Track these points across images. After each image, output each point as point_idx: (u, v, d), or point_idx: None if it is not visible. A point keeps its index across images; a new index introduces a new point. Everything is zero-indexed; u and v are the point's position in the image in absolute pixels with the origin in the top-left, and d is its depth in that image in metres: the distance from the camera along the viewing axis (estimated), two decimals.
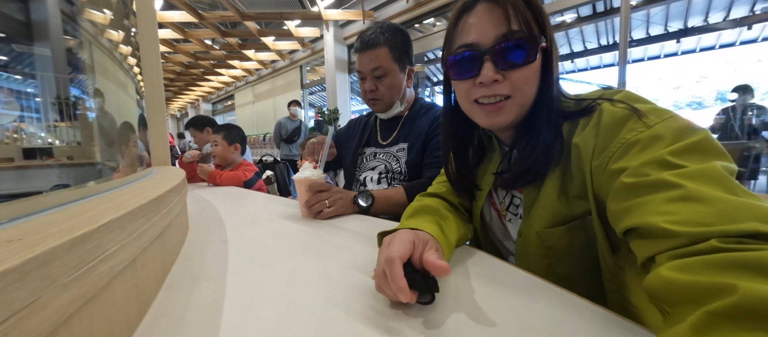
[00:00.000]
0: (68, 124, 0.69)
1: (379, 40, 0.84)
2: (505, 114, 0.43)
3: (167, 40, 4.76)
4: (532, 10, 0.40)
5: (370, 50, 0.84)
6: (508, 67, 0.41)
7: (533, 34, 0.39)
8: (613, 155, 0.33)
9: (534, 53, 0.40)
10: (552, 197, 0.42)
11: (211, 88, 8.64)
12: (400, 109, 0.94)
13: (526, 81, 0.41)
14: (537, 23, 0.40)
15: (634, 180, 0.29)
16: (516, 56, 0.40)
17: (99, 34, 0.72)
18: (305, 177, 0.69)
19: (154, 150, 0.87)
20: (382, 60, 0.85)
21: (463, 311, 0.30)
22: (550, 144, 0.41)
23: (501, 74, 0.41)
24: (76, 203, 0.30)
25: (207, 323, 0.29)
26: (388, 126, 0.98)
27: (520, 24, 0.39)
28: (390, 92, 0.88)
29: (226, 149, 1.63)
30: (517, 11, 0.40)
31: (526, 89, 0.42)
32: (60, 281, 0.17)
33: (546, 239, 0.42)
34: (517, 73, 0.41)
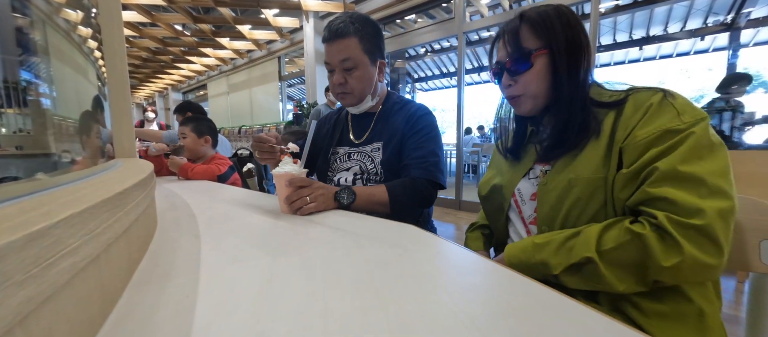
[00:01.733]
0: (17, 111, 0.63)
1: (348, 30, 0.79)
2: (522, 106, 0.58)
3: (132, 23, 4.45)
4: (529, 29, 0.54)
5: (339, 40, 0.80)
6: (514, 75, 0.56)
7: (524, 51, 0.54)
8: (652, 138, 0.43)
9: (525, 64, 0.54)
10: (583, 165, 0.50)
11: (181, 77, 8.18)
12: (372, 104, 0.90)
13: (528, 82, 0.55)
14: (536, 37, 0.53)
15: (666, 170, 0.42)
16: (514, 68, 0.56)
17: (54, 12, 0.66)
18: (285, 172, 0.68)
19: (117, 141, 0.82)
20: (352, 51, 0.81)
21: (448, 313, 0.31)
22: (581, 122, 0.51)
23: (512, 80, 0.57)
24: (30, 196, 0.28)
25: (178, 320, 0.28)
26: (361, 123, 0.94)
27: (513, 46, 0.55)
28: (361, 86, 0.85)
29: (195, 142, 1.55)
30: (510, 38, 0.55)
31: (532, 87, 0.55)
32: (15, 279, 0.16)
33: (574, 185, 0.49)
34: (521, 78, 0.55)
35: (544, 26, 0.53)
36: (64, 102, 0.67)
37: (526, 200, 0.59)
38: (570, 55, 0.52)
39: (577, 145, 0.51)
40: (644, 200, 0.43)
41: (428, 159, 0.82)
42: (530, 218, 0.58)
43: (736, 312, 1.31)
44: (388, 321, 0.28)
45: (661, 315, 0.43)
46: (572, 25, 0.53)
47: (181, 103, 2.29)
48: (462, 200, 3.58)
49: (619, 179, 0.45)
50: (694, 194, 0.39)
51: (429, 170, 0.81)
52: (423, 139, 0.84)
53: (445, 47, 6.90)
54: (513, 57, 0.55)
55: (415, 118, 0.86)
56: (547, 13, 0.53)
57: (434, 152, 0.83)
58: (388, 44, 3.96)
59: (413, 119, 0.86)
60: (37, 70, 0.64)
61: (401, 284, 0.35)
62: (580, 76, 0.53)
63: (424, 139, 0.84)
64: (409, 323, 0.27)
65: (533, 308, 0.30)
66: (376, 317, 0.28)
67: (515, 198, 0.61)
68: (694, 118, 0.42)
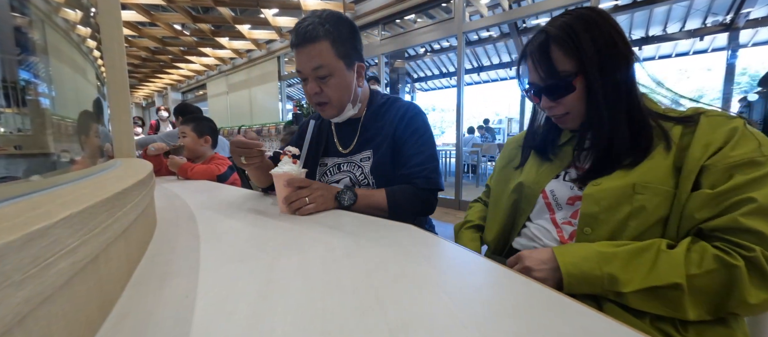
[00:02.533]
0: (16, 111, 0.63)
1: (318, 33, 0.70)
2: (569, 123, 0.57)
3: (132, 23, 4.44)
4: (558, 50, 0.51)
5: (309, 45, 0.71)
6: (555, 98, 0.54)
7: (559, 75, 0.52)
8: (739, 164, 0.42)
9: (565, 89, 0.52)
10: (650, 173, 0.47)
11: (180, 77, 8.17)
12: (354, 112, 0.83)
13: (573, 102, 0.53)
14: (568, 58, 0.51)
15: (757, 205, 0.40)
16: (553, 92, 0.54)
17: (53, 12, 0.66)
18: (284, 172, 0.68)
19: (117, 141, 0.82)
20: (325, 57, 0.71)
21: (451, 315, 0.31)
22: (636, 135, 0.49)
23: (554, 103, 0.55)
24: (29, 196, 0.28)
25: (177, 320, 0.28)
26: (346, 131, 0.87)
27: (546, 71, 0.53)
28: (338, 94, 0.76)
29: (195, 142, 1.55)
30: (540, 60, 0.53)
31: (577, 107, 0.54)
32: (14, 279, 0.16)
33: (640, 192, 0.46)
34: (563, 100, 0.54)
35: (574, 47, 0.50)
36: (63, 102, 0.67)
37: (561, 203, 0.56)
38: (606, 74, 0.49)
39: (635, 158, 0.49)
40: (733, 229, 0.40)
41: (428, 166, 0.79)
42: (564, 219, 0.55)
43: None
44: (387, 321, 0.28)
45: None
46: (604, 35, 0.49)
47: (179, 104, 2.29)
48: (461, 200, 3.58)
49: (699, 198, 0.43)
50: None
51: (430, 178, 0.78)
52: (420, 144, 0.80)
53: (444, 47, 6.90)
54: (547, 83, 0.53)
55: (406, 120, 0.81)
56: (574, 30, 0.50)
57: (433, 156, 0.80)
58: (389, 44, 3.96)
59: (405, 121, 0.81)
60: (36, 70, 0.64)
61: (400, 284, 0.35)
62: (622, 90, 0.50)
63: (420, 143, 0.80)
64: (408, 324, 0.27)
65: (533, 308, 0.30)
66: (375, 317, 0.28)
67: (546, 199, 0.58)
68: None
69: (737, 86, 6.88)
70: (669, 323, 0.42)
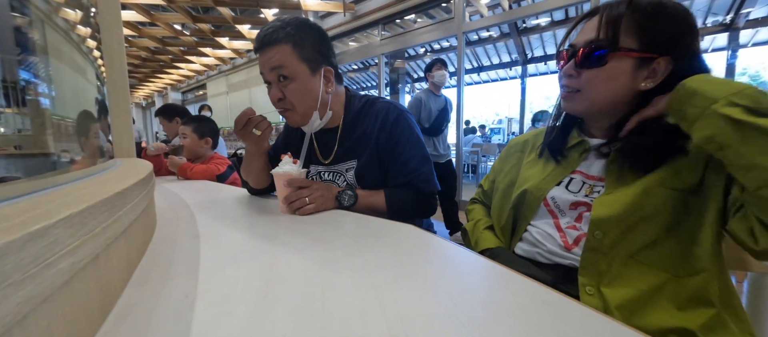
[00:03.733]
0: (16, 111, 0.63)
1: (278, 36, 0.68)
2: (572, 103, 0.53)
3: (132, 23, 4.44)
4: (636, 23, 0.46)
5: (269, 48, 0.69)
6: (582, 66, 0.49)
7: (612, 42, 0.46)
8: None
9: (603, 58, 0.47)
10: (656, 182, 0.45)
11: (180, 77, 8.17)
12: (327, 119, 0.77)
13: (592, 80, 0.49)
14: (636, 35, 0.46)
15: None
16: (590, 58, 0.48)
17: (53, 12, 0.66)
18: (284, 171, 0.67)
19: (117, 140, 0.82)
20: (284, 59, 0.69)
21: (449, 313, 0.31)
22: (660, 143, 0.46)
23: (576, 71, 0.50)
24: (30, 196, 0.28)
25: (177, 320, 0.28)
26: (325, 140, 0.83)
27: (606, 33, 0.47)
28: (301, 100, 0.72)
29: (195, 143, 1.55)
30: (608, 23, 0.47)
31: (595, 88, 0.49)
32: (14, 279, 0.16)
33: (653, 195, 0.45)
34: (588, 73, 0.49)
35: (647, 26, 0.45)
36: (62, 102, 0.67)
37: (564, 209, 0.55)
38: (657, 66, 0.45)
39: (653, 164, 0.46)
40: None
41: (422, 170, 0.77)
42: (569, 224, 0.54)
43: None
44: (387, 321, 0.28)
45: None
46: (686, 33, 0.46)
47: (164, 105, 2.20)
48: (461, 199, 3.58)
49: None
50: None
51: (429, 180, 0.78)
52: (408, 149, 0.76)
53: (444, 47, 6.90)
54: (594, 45, 0.47)
55: (389, 128, 0.76)
56: (663, 8, 0.45)
57: (425, 159, 0.78)
58: (389, 44, 3.96)
59: (387, 129, 0.76)
60: (36, 70, 0.64)
61: (400, 284, 0.35)
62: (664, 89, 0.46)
63: (408, 148, 0.76)
64: (408, 324, 0.27)
65: (533, 308, 0.30)
66: (375, 317, 0.28)
67: (548, 206, 0.56)
68: None
69: None
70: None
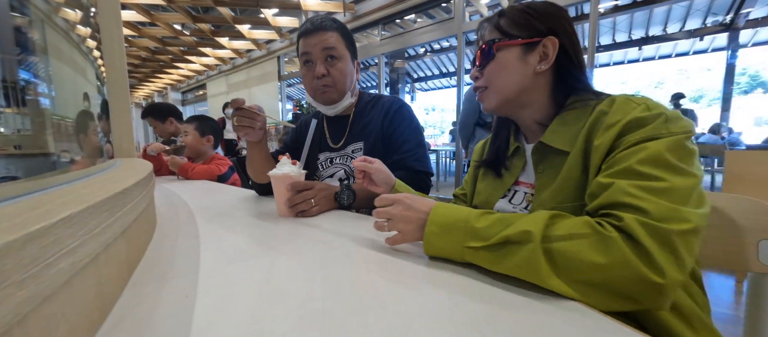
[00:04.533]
0: (16, 111, 0.63)
1: (330, 24, 0.81)
2: (486, 100, 0.54)
3: (131, 23, 4.44)
4: (513, 18, 0.50)
5: (322, 32, 0.79)
6: (482, 66, 0.53)
7: (498, 37, 0.50)
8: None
9: (492, 52, 0.51)
10: (564, 179, 0.45)
11: (180, 77, 8.17)
12: (349, 104, 0.88)
13: (490, 73, 0.52)
14: (516, 26, 0.50)
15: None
16: (482, 56, 0.52)
17: (53, 12, 0.66)
18: (284, 174, 0.65)
19: (117, 140, 0.82)
20: (336, 42, 0.80)
21: (446, 312, 0.31)
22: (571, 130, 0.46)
23: (479, 72, 0.53)
24: (29, 196, 0.28)
25: (177, 320, 0.28)
26: (336, 126, 0.91)
27: (491, 33, 0.52)
28: (343, 79, 0.82)
29: (197, 141, 1.55)
30: (492, 25, 0.52)
31: (495, 79, 0.51)
32: (14, 279, 0.16)
33: (566, 199, 0.44)
34: (487, 69, 0.52)
35: (527, 14, 0.50)
36: (62, 102, 0.67)
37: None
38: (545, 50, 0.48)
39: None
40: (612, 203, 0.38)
41: (418, 151, 0.84)
42: None
43: (736, 312, 1.31)
44: (387, 321, 0.28)
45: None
46: (560, 17, 0.49)
47: (151, 105, 2.07)
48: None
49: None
50: None
51: (422, 161, 0.83)
52: (408, 132, 0.85)
53: (444, 47, 6.89)
54: (483, 45, 0.52)
55: (392, 113, 0.86)
56: (533, 2, 0.50)
57: (421, 143, 0.86)
58: (388, 44, 3.96)
59: (391, 114, 0.86)
60: (36, 70, 0.63)
61: (400, 284, 0.35)
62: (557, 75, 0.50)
63: (408, 131, 0.85)
64: (408, 323, 0.27)
65: (533, 307, 0.30)
66: (375, 317, 0.28)
67: None
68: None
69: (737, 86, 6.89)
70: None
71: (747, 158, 1.65)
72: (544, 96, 0.51)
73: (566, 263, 0.32)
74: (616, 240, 0.31)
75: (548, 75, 0.50)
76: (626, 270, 0.30)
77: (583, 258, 0.31)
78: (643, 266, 0.30)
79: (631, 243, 0.31)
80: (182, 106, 9.34)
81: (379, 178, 0.62)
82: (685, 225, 0.31)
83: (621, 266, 0.30)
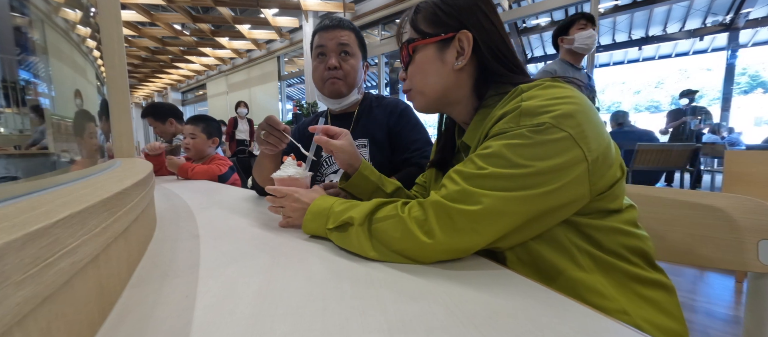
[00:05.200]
0: (16, 111, 0.63)
1: (347, 24, 0.87)
2: (415, 102, 0.53)
3: (131, 23, 4.44)
4: (425, 16, 0.49)
5: (339, 29, 0.85)
6: (406, 68, 0.52)
7: (412, 37, 0.50)
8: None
9: (407, 53, 0.51)
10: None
11: (180, 77, 8.17)
12: (354, 101, 0.91)
13: (413, 76, 0.51)
14: (429, 24, 0.49)
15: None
16: (405, 58, 0.52)
17: (53, 12, 0.66)
18: (287, 175, 0.62)
19: (117, 140, 0.82)
20: (352, 40, 0.86)
21: (446, 312, 0.31)
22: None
23: (405, 74, 0.53)
24: (29, 196, 0.28)
25: (177, 320, 0.28)
26: (341, 123, 0.93)
27: (407, 35, 0.51)
28: (353, 73, 0.87)
29: (204, 142, 1.55)
30: (409, 26, 0.51)
31: (418, 80, 0.51)
32: (13, 279, 0.16)
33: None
34: (409, 71, 0.52)
35: (438, 9, 0.48)
36: (63, 101, 0.67)
37: None
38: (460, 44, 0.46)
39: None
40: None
41: (426, 149, 0.86)
42: None
43: (736, 312, 1.31)
44: (387, 321, 0.28)
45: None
46: (474, 7, 0.47)
47: (152, 104, 2.03)
48: None
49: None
50: None
51: (428, 157, 0.83)
52: (415, 131, 0.89)
53: None
54: (401, 49, 0.52)
55: (399, 112, 0.90)
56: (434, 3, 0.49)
57: (429, 141, 0.88)
58: (388, 44, 3.96)
59: (397, 113, 0.90)
60: (36, 70, 0.63)
61: (400, 284, 0.35)
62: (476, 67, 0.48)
63: (415, 130, 0.89)
64: (408, 323, 0.27)
65: (533, 308, 0.30)
66: (375, 317, 0.28)
67: None
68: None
69: (737, 86, 6.88)
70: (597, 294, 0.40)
71: (747, 158, 1.65)
72: (468, 91, 0.49)
73: (379, 237, 0.41)
74: (405, 219, 0.40)
75: (470, 69, 0.48)
76: (412, 241, 0.39)
77: (389, 234, 0.40)
78: (421, 233, 0.38)
79: (422, 221, 0.39)
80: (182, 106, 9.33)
81: (341, 158, 0.60)
82: (472, 207, 0.36)
83: (409, 239, 0.39)
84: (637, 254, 0.41)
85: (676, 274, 1.66)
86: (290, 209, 0.55)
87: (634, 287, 0.40)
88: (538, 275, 0.40)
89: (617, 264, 0.40)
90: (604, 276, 0.40)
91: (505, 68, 0.47)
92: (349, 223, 0.44)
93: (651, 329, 0.38)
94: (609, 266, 0.40)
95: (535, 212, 0.36)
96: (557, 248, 0.41)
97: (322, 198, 0.51)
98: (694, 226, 0.53)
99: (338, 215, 0.46)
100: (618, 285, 0.40)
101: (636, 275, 0.40)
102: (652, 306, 0.40)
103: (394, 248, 0.40)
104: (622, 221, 0.41)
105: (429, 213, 0.39)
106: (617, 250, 0.41)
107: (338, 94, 0.88)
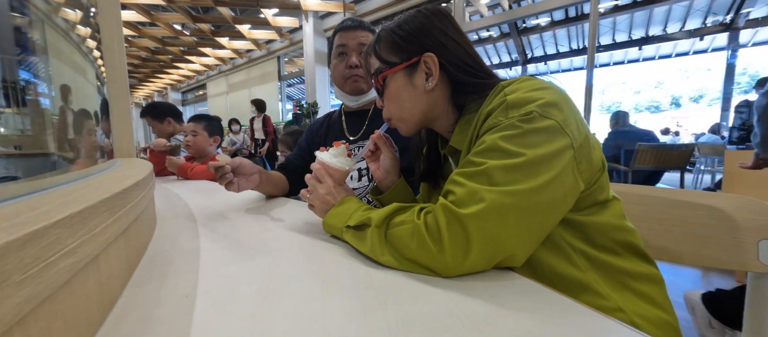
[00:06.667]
0: (16, 111, 0.63)
1: (368, 26, 0.89)
2: (399, 129, 0.54)
3: (131, 23, 4.44)
4: (386, 44, 0.50)
5: (362, 30, 0.87)
6: (382, 98, 0.52)
7: (378, 67, 0.50)
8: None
9: (379, 84, 0.51)
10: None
11: (180, 77, 8.17)
12: (374, 96, 0.91)
13: (389, 106, 0.52)
14: (392, 52, 0.49)
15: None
16: (378, 89, 0.52)
17: (53, 12, 0.66)
18: (331, 164, 0.55)
19: (117, 140, 0.82)
20: (369, 41, 0.88)
21: (446, 312, 0.31)
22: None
23: (383, 103, 0.53)
24: (29, 196, 0.28)
25: (177, 320, 0.28)
26: (356, 120, 0.94)
27: (375, 66, 0.51)
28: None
29: (205, 141, 1.55)
30: (373, 57, 0.51)
31: (395, 110, 0.51)
32: (13, 279, 0.16)
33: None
34: (385, 101, 0.52)
35: (397, 36, 0.49)
36: (63, 101, 0.67)
37: None
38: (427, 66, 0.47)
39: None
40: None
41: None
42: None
43: None
44: (387, 321, 0.28)
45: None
46: (432, 28, 0.47)
47: (152, 103, 2.02)
48: None
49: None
50: None
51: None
52: None
53: None
54: (373, 81, 0.52)
55: None
56: (402, 20, 0.49)
57: None
58: None
59: None
60: (36, 70, 0.63)
61: (400, 283, 0.35)
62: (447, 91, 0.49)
63: None
64: (408, 323, 0.27)
65: (533, 308, 0.30)
66: (375, 317, 0.28)
67: None
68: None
69: (737, 86, 6.88)
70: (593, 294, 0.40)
71: (747, 158, 1.65)
72: (446, 105, 0.50)
73: (394, 243, 0.39)
74: (420, 227, 0.37)
75: (443, 86, 0.48)
76: (425, 251, 0.37)
77: (404, 242, 0.39)
78: (434, 248, 0.36)
79: (434, 229, 0.37)
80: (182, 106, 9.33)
81: (386, 163, 0.62)
82: (476, 206, 0.35)
83: (422, 248, 0.37)
84: (627, 248, 0.43)
85: (676, 274, 1.66)
86: (320, 198, 0.54)
87: (626, 282, 0.41)
88: (534, 277, 0.41)
89: (610, 261, 0.41)
90: (599, 274, 0.41)
91: (476, 78, 0.47)
92: (366, 224, 0.43)
93: (645, 324, 0.39)
94: (602, 264, 0.41)
95: (538, 206, 0.35)
96: (553, 248, 0.41)
97: (351, 198, 0.51)
98: (694, 226, 0.53)
99: (361, 215, 0.45)
100: (612, 282, 0.41)
101: (627, 270, 0.41)
102: (644, 300, 0.41)
103: (408, 256, 0.38)
104: (612, 215, 0.43)
105: (441, 222, 0.36)
106: (609, 246, 0.42)
107: (359, 91, 0.90)
